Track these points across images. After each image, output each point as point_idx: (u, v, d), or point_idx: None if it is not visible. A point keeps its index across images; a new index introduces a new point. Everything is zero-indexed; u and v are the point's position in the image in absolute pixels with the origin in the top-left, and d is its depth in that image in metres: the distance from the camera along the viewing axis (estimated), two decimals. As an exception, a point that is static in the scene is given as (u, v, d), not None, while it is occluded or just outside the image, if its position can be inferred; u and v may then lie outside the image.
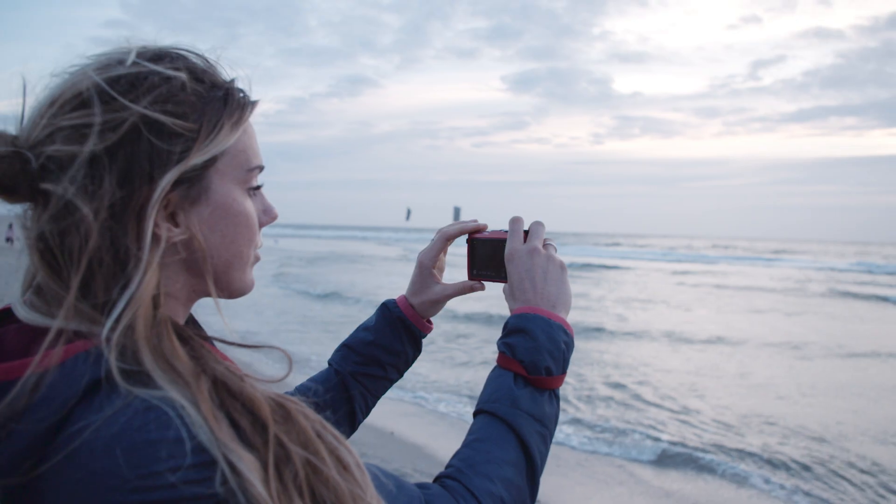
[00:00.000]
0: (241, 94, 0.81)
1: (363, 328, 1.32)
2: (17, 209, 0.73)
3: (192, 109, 0.75)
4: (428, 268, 1.30)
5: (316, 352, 11.38)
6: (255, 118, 0.83)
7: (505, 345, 1.07)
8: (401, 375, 1.33)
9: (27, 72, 0.74)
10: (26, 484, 0.63)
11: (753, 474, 6.61)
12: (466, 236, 1.29)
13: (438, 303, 1.31)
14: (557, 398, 1.05)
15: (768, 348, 13.29)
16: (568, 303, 1.12)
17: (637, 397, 9.15)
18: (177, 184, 0.73)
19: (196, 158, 0.73)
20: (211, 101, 0.77)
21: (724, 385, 10.20)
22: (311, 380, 1.27)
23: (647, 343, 13.79)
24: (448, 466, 0.97)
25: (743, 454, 7.10)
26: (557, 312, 1.10)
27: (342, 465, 0.71)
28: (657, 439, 7.42)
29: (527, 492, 0.97)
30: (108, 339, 0.67)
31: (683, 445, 7.25)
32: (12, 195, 0.70)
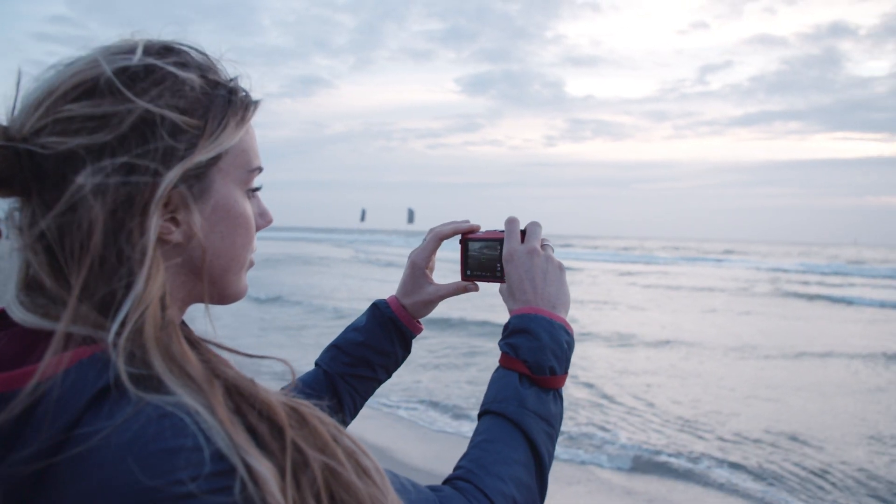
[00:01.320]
0: (244, 93, 0.79)
1: (352, 329, 1.30)
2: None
3: (198, 106, 0.73)
4: (421, 268, 1.29)
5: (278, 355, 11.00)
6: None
7: (508, 345, 1.07)
8: (389, 376, 1.32)
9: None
10: (32, 494, 0.60)
11: (710, 469, 6.64)
12: (459, 237, 1.28)
13: (431, 303, 1.30)
14: (561, 398, 1.06)
15: (721, 349, 13.50)
16: (567, 303, 1.13)
17: (591, 399, 9.16)
18: (179, 181, 0.71)
19: (200, 156, 0.72)
20: (215, 98, 0.75)
21: (678, 385, 10.32)
22: (302, 379, 1.23)
23: (597, 344, 13.82)
24: (457, 468, 0.96)
25: (701, 453, 7.14)
26: (558, 313, 1.10)
27: (361, 470, 0.69)
28: (613, 442, 7.42)
29: (536, 491, 0.97)
30: (115, 343, 0.64)
31: (643, 448, 7.28)
32: (4, 188, 0.67)
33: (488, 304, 17.26)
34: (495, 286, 1.23)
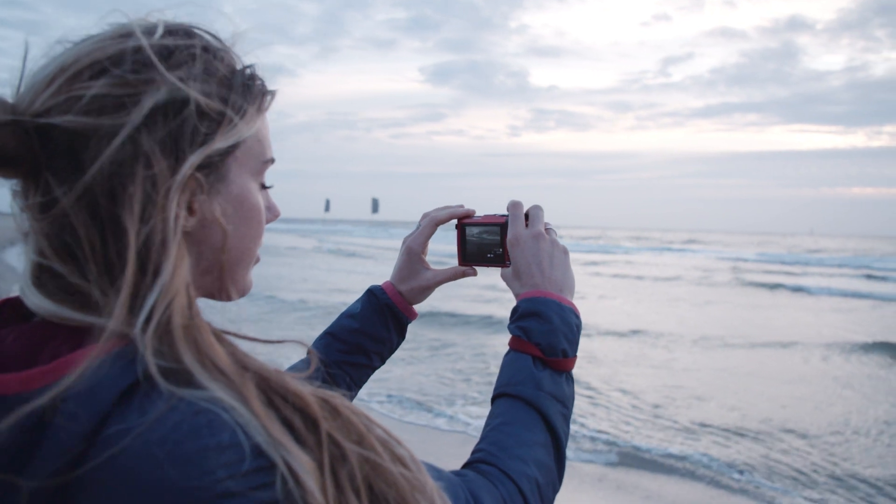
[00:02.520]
0: (260, 82, 0.76)
1: (347, 315, 1.28)
2: None
3: (219, 90, 0.70)
4: (418, 253, 1.27)
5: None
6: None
7: (519, 328, 1.07)
8: (383, 363, 1.30)
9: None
10: (59, 501, 0.57)
11: (680, 459, 6.62)
12: (455, 221, 1.28)
13: (429, 289, 1.29)
14: (572, 379, 1.06)
15: (688, 338, 13.58)
16: (573, 287, 1.14)
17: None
18: (198, 168, 0.68)
19: (220, 143, 0.69)
20: (234, 84, 0.72)
21: (649, 375, 10.33)
22: (292, 369, 1.16)
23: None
24: (477, 451, 0.96)
25: (680, 443, 7.12)
26: (565, 296, 1.11)
27: (398, 459, 0.67)
28: (583, 435, 7.36)
29: (556, 472, 0.98)
30: (142, 335, 0.60)
31: (616, 442, 7.22)
32: (11, 168, 0.64)
33: (458, 295, 17.14)
34: (494, 271, 1.23)
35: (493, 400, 1.04)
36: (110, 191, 0.63)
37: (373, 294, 1.28)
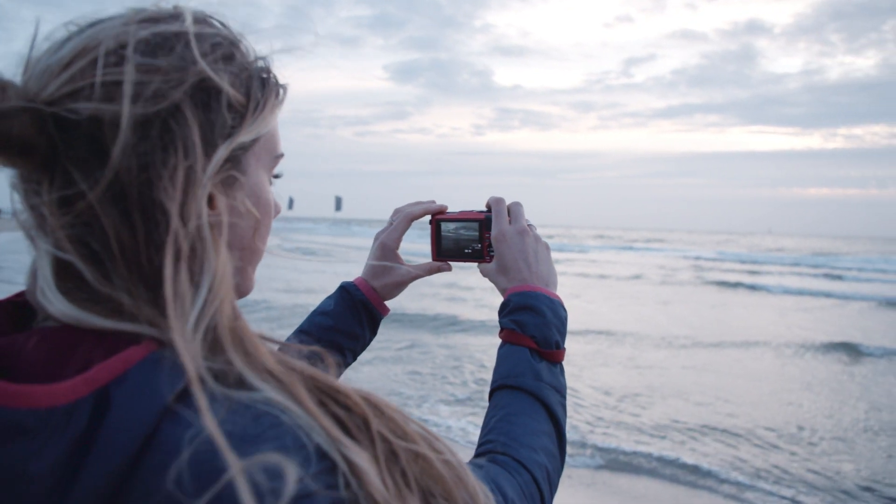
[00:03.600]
0: (274, 74, 0.74)
1: (320, 313, 1.27)
2: None
3: (242, 81, 0.68)
4: (392, 249, 1.27)
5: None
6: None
7: (513, 322, 1.09)
8: (355, 359, 1.31)
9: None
10: None
11: (647, 458, 6.55)
12: (428, 217, 1.28)
13: (403, 284, 1.29)
14: (563, 370, 1.09)
15: (654, 338, 13.57)
16: (556, 281, 1.17)
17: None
18: (223, 161, 0.66)
19: (244, 136, 0.67)
20: (254, 75, 0.70)
21: (618, 374, 10.27)
22: None
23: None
24: (488, 441, 0.97)
25: (657, 445, 7.06)
26: (551, 290, 1.14)
27: (438, 453, 0.67)
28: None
29: (559, 459, 1.00)
30: (192, 337, 0.58)
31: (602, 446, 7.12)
32: (23, 158, 0.58)
33: (419, 294, 16.97)
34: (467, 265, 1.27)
35: (493, 392, 1.05)
36: (142, 185, 0.59)
37: (346, 290, 1.26)
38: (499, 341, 1.13)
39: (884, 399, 9.44)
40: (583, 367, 10.51)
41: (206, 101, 0.63)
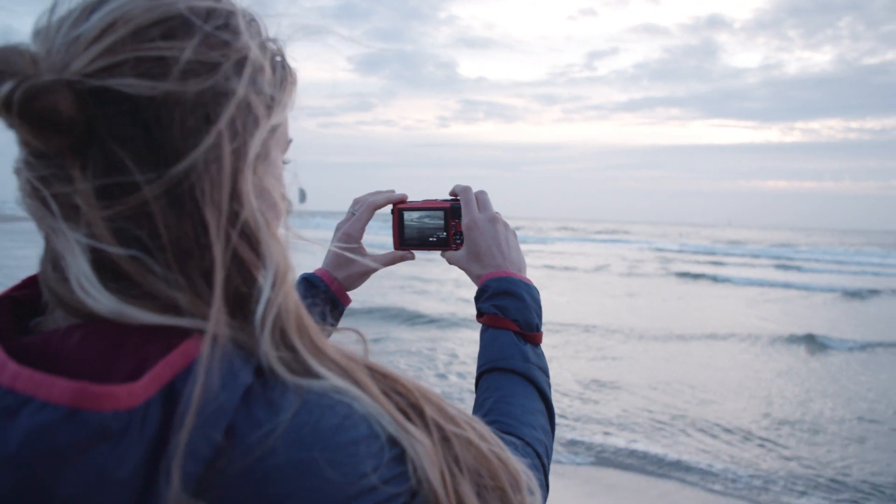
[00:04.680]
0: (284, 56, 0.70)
1: None
2: None
3: (271, 59, 0.65)
4: (356, 239, 1.26)
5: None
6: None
7: (495, 306, 1.10)
8: None
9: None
10: None
11: (614, 452, 6.45)
12: (390, 207, 1.29)
13: (366, 274, 1.28)
14: (542, 351, 1.12)
15: (621, 330, 13.53)
16: (525, 267, 1.20)
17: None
18: None
19: (274, 119, 0.64)
20: (276, 58, 0.67)
21: (582, 367, 10.12)
22: None
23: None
24: (491, 422, 0.93)
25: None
26: (524, 275, 1.17)
27: (483, 437, 0.67)
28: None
29: (552, 436, 1.02)
30: (261, 327, 0.57)
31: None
32: (62, 138, 0.54)
33: (382, 286, 16.75)
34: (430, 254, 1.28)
35: (482, 374, 1.06)
36: (194, 169, 0.55)
37: (309, 282, 1.24)
38: (478, 326, 1.14)
39: (851, 387, 9.55)
40: (551, 359, 10.36)
41: (252, 79, 0.60)
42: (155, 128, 0.55)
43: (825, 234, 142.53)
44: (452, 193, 1.25)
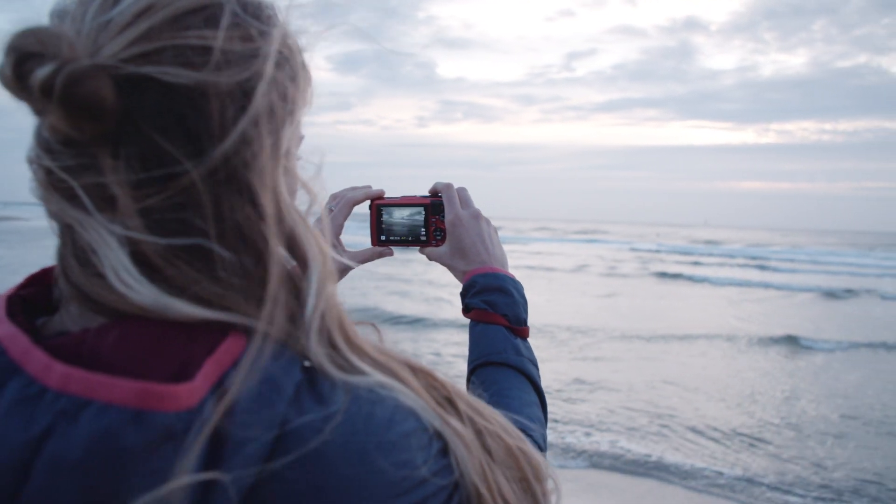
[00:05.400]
0: None
1: None
2: None
3: (299, 55, 0.65)
4: (336, 235, 1.23)
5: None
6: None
7: (484, 302, 1.11)
8: None
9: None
10: None
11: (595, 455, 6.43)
12: (369, 202, 1.26)
13: (345, 272, 1.23)
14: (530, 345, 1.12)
15: (603, 331, 13.52)
16: (507, 263, 1.20)
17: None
18: None
19: (299, 114, 0.63)
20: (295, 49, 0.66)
21: (566, 365, 10.08)
22: None
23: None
24: None
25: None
26: (508, 271, 1.17)
27: (506, 429, 0.68)
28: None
29: (545, 425, 1.01)
30: (309, 324, 0.57)
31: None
32: (97, 125, 0.51)
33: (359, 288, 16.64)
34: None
35: (476, 369, 1.05)
36: (233, 161, 0.55)
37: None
38: (463, 326, 1.14)
39: (830, 385, 9.64)
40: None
41: (289, 70, 0.60)
42: (193, 116, 0.53)
43: (800, 234, 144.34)
44: (433, 191, 1.24)
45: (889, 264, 39.96)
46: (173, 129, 0.53)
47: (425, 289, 18.77)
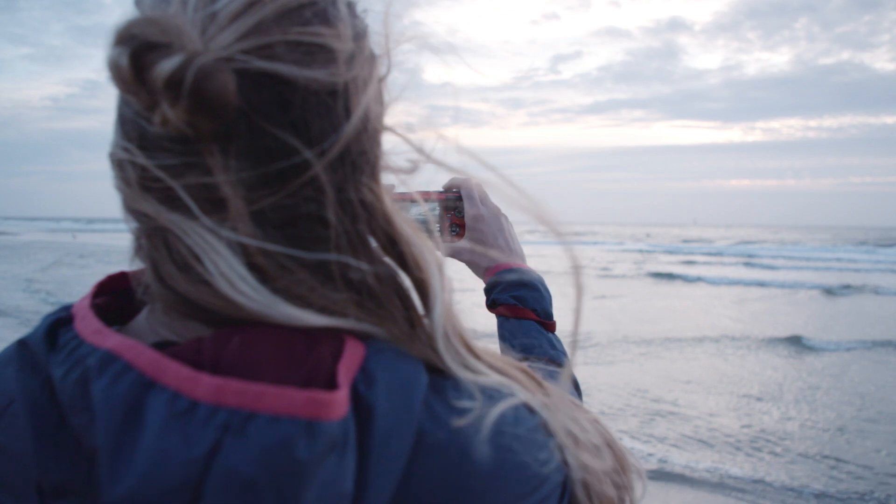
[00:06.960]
0: None
1: None
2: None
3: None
4: None
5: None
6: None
7: (514, 297, 1.10)
8: None
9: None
10: None
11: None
12: None
13: None
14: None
15: (606, 334, 13.32)
16: (526, 259, 1.20)
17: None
18: None
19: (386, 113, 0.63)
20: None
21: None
22: None
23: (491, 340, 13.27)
24: None
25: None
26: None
27: (600, 424, 0.69)
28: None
29: None
30: (435, 328, 0.57)
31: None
32: (217, 121, 0.49)
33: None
34: None
35: None
36: (347, 165, 0.54)
37: None
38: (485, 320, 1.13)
39: (842, 385, 9.47)
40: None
41: (382, 69, 0.60)
42: (304, 114, 0.52)
43: (789, 230, 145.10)
44: (447, 186, 1.22)
45: (881, 258, 40.04)
46: (284, 127, 0.51)
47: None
